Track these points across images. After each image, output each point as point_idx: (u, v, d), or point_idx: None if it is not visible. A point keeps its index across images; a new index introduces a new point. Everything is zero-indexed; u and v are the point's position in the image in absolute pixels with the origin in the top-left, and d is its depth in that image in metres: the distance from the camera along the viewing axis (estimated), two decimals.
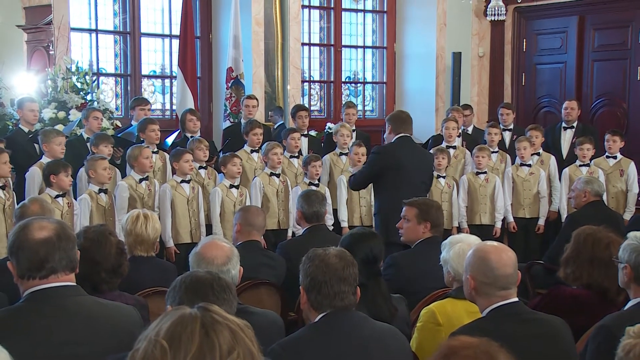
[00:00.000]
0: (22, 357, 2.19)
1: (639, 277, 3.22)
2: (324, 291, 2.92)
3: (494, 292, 3.06)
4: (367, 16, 11.70)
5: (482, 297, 3.10)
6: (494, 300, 3.06)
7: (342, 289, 2.94)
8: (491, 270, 3.05)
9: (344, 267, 2.97)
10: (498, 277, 3.04)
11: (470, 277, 3.10)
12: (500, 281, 3.05)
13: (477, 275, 3.08)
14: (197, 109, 8.74)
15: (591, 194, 6.30)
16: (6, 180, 5.94)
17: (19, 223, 2.81)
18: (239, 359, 1.60)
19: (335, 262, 2.97)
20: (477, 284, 3.08)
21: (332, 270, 2.94)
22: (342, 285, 2.94)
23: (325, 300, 2.93)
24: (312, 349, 2.85)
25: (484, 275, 3.06)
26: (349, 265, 3.00)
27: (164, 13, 10.03)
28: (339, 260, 2.99)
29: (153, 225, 4.38)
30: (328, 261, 2.97)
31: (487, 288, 3.06)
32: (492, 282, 3.05)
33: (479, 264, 3.09)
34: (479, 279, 3.07)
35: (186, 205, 6.62)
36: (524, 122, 10.49)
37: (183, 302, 2.42)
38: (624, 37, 10.28)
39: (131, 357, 1.63)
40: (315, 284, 2.94)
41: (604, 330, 3.03)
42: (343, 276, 2.95)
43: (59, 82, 7.95)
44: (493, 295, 3.06)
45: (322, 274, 2.94)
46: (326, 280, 2.93)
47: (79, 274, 2.79)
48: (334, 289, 2.92)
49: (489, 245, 3.19)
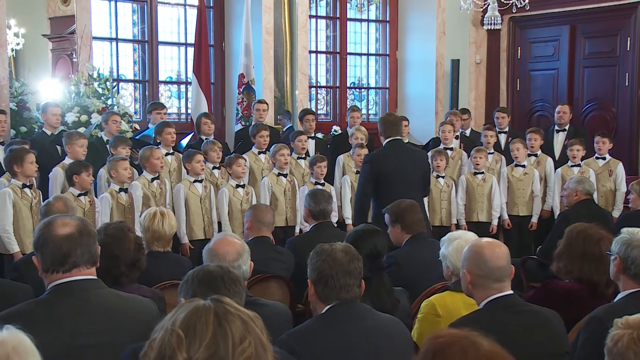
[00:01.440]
0: (47, 345, 2.19)
1: (628, 268, 3.21)
2: (331, 284, 2.93)
3: (489, 284, 3.05)
4: (370, 25, 11.69)
5: (479, 290, 3.09)
6: (489, 292, 3.06)
7: (347, 282, 2.94)
8: (485, 263, 3.05)
9: (350, 261, 2.97)
10: (492, 270, 3.04)
11: (467, 271, 3.10)
12: (495, 273, 3.05)
13: (472, 269, 3.08)
14: (211, 112, 8.73)
15: (582, 192, 6.29)
16: (31, 179, 5.95)
17: (43, 220, 2.82)
18: (250, 347, 1.60)
19: (341, 257, 2.97)
20: (473, 277, 3.08)
21: (338, 264, 2.94)
22: (348, 279, 2.94)
23: (332, 293, 2.93)
24: (319, 338, 2.85)
25: (478, 268, 3.06)
26: (354, 260, 3.00)
27: (180, 23, 10.05)
28: (345, 254, 2.99)
29: (169, 222, 4.39)
30: (334, 256, 2.97)
31: (483, 280, 3.06)
32: (487, 274, 3.04)
33: (474, 258, 3.09)
34: (475, 272, 3.07)
35: (199, 203, 6.63)
36: (519, 126, 10.53)
37: (196, 294, 2.41)
38: (613, 45, 10.26)
39: (149, 345, 1.63)
40: (322, 277, 2.94)
41: (594, 321, 3.02)
42: (348, 270, 2.95)
43: (82, 88, 7.97)
44: (488, 288, 3.06)
45: (329, 267, 2.94)
46: (333, 273, 2.93)
47: (99, 267, 2.79)
48: (340, 282, 2.93)
49: (483, 241, 3.20)
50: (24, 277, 3.81)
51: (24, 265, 3.97)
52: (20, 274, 3.96)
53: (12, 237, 5.69)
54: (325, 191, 5.54)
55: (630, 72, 10.04)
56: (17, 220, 5.73)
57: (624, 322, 2.07)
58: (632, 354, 1.99)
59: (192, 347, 1.57)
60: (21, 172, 5.76)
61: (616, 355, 2.01)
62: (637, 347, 1.99)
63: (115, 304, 2.71)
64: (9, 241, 5.69)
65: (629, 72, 10.07)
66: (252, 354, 1.60)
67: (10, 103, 7.76)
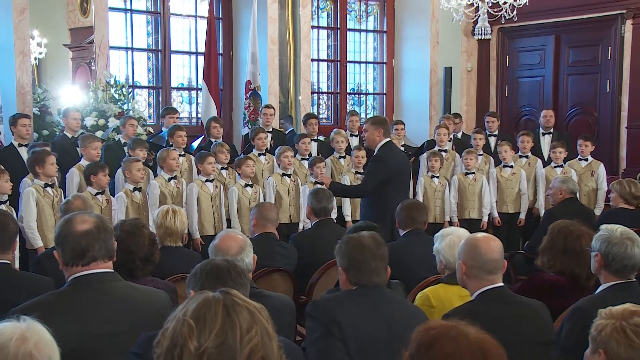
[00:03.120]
0: (67, 333, 2.20)
1: (609, 264, 3.20)
2: (363, 268, 2.94)
3: (482, 275, 3.04)
4: (369, 35, 11.68)
5: (472, 280, 3.08)
6: (482, 283, 3.05)
7: (378, 265, 2.96)
8: (480, 255, 3.04)
9: (378, 247, 3.00)
10: (486, 262, 3.03)
11: (462, 262, 3.10)
12: (488, 265, 3.04)
13: (467, 261, 3.07)
14: (220, 117, 8.74)
15: (567, 191, 6.28)
16: (53, 179, 5.96)
17: (63, 217, 2.82)
18: (257, 336, 1.60)
19: (370, 243, 2.99)
20: (468, 268, 3.07)
21: (368, 249, 2.96)
22: (378, 262, 2.96)
23: (364, 277, 2.94)
24: (352, 307, 2.86)
25: (473, 260, 3.05)
26: (381, 245, 3.03)
27: (191, 33, 10.04)
28: (373, 240, 3.01)
29: (180, 219, 4.39)
30: (363, 242, 2.99)
31: (477, 271, 3.05)
32: (481, 265, 3.03)
33: (470, 251, 3.09)
34: (469, 264, 3.06)
35: (210, 201, 6.63)
36: (507, 129, 10.55)
37: (204, 286, 2.40)
38: (595, 54, 10.25)
39: (162, 334, 1.63)
40: (354, 263, 2.95)
41: (578, 311, 3.02)
42: (378, 254, 2.97)
43: (99, 94, 7.97)
44: (482, 279, 3.05)
45: (360, 253, 2.95)
46: (364, 258, 2.94)
47: (116, 261, 2.79)
48: (371, 266, 2.94)
49: (479, 235, 3.20)
50: (45, 270, 3.81)
51: (46, 259, 3.96)
52: (43, 267, 3.96)
53: (35, 233, 5.71)
54: (326, 190, 5.54)
55: (611, 79, 10.04)
56: (40, 217, 5.74)
57: (607, 313, 2.07)
58: (614, 342, 1.99)
59: (203, 335, 1.57)
60: (43, 172, 5.78)
61: (599, 343, 2.02)
62: (619, 336, 1.99)
63: (131, 295, 2.71)
64: (32, 237, 5.70)
65: (609, 79, 10.06)
66: (258, 342, 1.60)
67: (33, 108, 7.78)
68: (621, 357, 1.98)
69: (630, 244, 3.19)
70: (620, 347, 1.98)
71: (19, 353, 1.74)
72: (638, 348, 1.97)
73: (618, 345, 1.98)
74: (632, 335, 1.98)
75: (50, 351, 1.80)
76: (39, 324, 1.83)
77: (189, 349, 1.56)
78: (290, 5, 10.03)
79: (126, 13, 9.38)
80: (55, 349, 1.82)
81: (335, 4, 11.11)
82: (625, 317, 2.02)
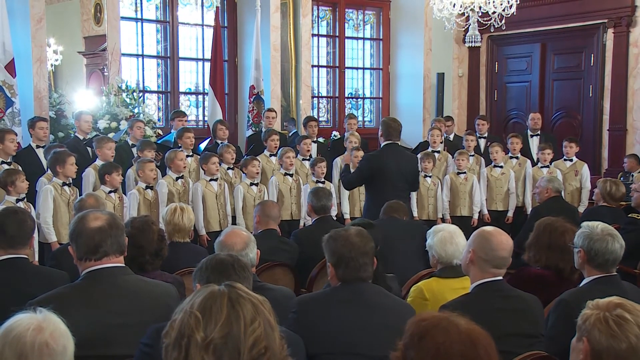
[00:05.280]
0: (81, 324, 2.20)
1: (592, 259, 3.19)
2: (351, 265, 2.87)
3: (487, 268, 3.00)
4: (366, 43, 11.68)
5: (476, 270, 3.03)
6: (485, 275, 3.00)
7: (365, 261, 2.89)
8: (491, 249, 2.99)
9: (365, 243, 2.93)
10: (494, 257, 2.99)
11: (472, 251, 3.03)
12: (495, 260, 2.99)
13: (477, 251, 3.01)
14: (225, 119, 8.74)
15: (552, 190, 6.28)
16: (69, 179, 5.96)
17: (77, 214, 2.82)
18: (260, 327, 1.60)
19: (357, 240, 2.92)
20: (476, 257, 3.01)
21: (355, 247, 2.89)
22: (365, 258, 2.90)
23: (352, 273, 2.88)
24: (331, 305, 2.84)
25: (483, 252, 2.99)
26: (368, 241, 2.95)
27: (198, 41, 10.04)
28: (360, 237, 2.94)
29: (188, 216, 4.38)
30: (350, 239, 2.92)
31: (483, 263, 3.00)
32: (489, 259, 2.99)
33: (481, 242, 3.02)
34: (478, 254, 3.00)
35: (215, 199, 6.63)
36: (496, 131, 10.57)
37: (210, 280, 2.39)
38: (579, 61, 10.26)
39: (170, 325, 1.63)
40: (342, 260, 2.88)
41: (563, 303, 3.01)
42: (365, 251, 2.90)
43: (112, 98, 7.97)
44: (485, 271, 3.00)
45: (348, 250, 2.88)
46: (352, 255, 2.87)
47: (127, 256, 2.79)
48: (359, 262, 2.88)
49: (493, 229, 3.12)
50: (60, 264, 3.81)
51: (61, 254, 3.96)
52: (58, 261, 3.96)
53: (51, 228, 5.72)
54: (325, 189, 5.53)
55: (593, 84, 10.05)
56: (56, 213, 5.75)
57: (594, 304, 2.08)
58: (597, 331, 2.00)
59: (209, 327, 1.57)
60: (62, 172, 5.79)
61: (584, 332, 2.03)
62: (601, 325, 2.00)
63: (141, 288, 2.71)
64: (48, 231, 5.71)
65: (592, 85, 10.07)
66: (261, 333, 1.60)
67: (49, 112, 7.78)
68: (602, 345, 1.98)
69: (611, 239, 3.18)
70: (602, 336, 1.98)
71: (36, 343, 1.75)
72: (618, 337, 1.97)
73: (600, 334, 1.99)
74: (613, 326, 1.99)
75: (66, 341, 1.80)
76: (54, 315, 1.83)
77: (195, 339, 1.56)
78: (291, 14, 10.04)
79: (137, 22, 9.37)
80: (70, 339, 1.82)
81: (334, 13, 11.12)
82: (609, 309, 2.03)
